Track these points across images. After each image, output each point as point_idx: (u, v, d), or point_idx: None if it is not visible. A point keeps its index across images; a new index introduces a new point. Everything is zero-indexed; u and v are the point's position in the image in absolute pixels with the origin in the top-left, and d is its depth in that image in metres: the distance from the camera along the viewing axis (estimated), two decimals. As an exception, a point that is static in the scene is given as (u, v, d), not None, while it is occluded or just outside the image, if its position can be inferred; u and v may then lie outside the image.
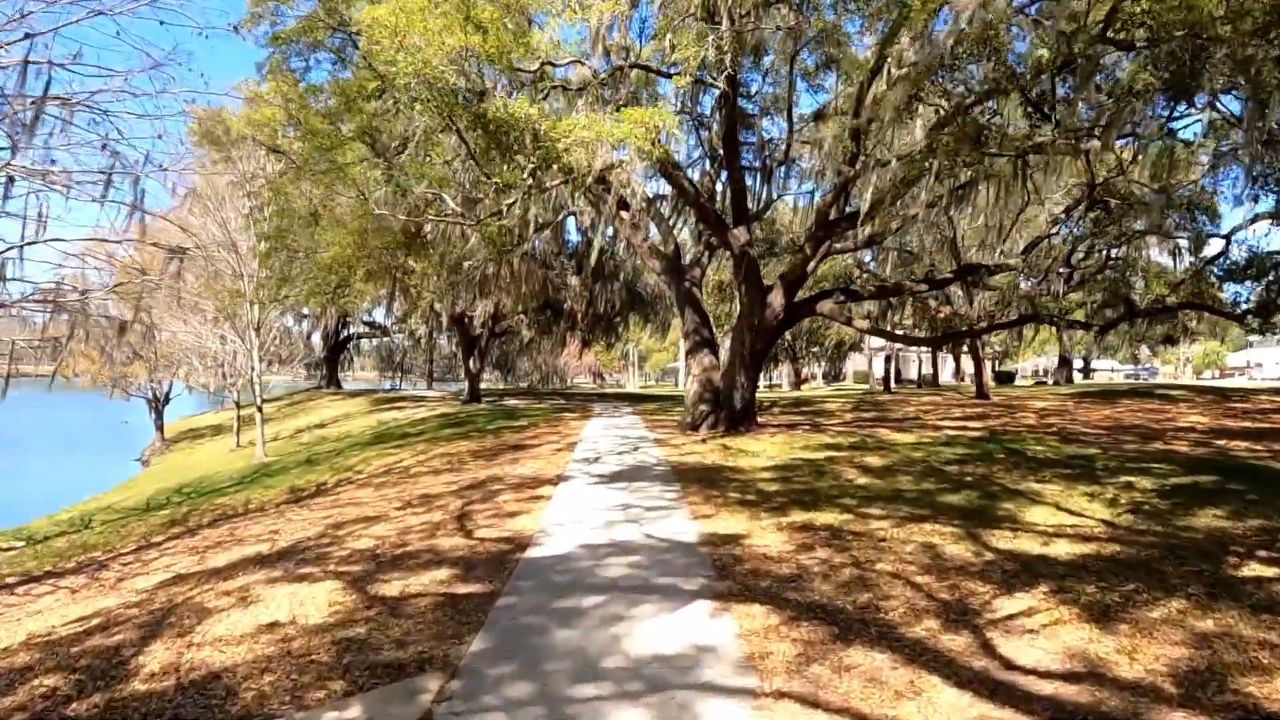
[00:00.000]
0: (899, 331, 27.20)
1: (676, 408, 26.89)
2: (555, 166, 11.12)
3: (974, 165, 11.99)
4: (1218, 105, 15.88)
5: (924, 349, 58.45)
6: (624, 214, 19.45)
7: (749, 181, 18.98)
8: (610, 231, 29.97)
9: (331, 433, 28.04)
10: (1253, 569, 6.03)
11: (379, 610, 5.82)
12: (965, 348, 53.11)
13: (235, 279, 21.93)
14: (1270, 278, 17.97)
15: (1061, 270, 24.77)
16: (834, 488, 10.01)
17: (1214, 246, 22.13)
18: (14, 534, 15.68)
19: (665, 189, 22.74)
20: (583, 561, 6.86)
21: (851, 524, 7.95)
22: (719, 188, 20.92)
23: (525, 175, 11.25)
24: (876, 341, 56.06)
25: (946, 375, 58.29)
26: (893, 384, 45.72)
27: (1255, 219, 20.43)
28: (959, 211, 20.20)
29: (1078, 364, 62.15)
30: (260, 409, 23.77)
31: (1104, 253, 26.29)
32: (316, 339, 49.09)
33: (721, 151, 20.49)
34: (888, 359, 49.59)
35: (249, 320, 22.10)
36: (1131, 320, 19.91)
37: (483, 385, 59.86)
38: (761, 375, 22.22)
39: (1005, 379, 52.42)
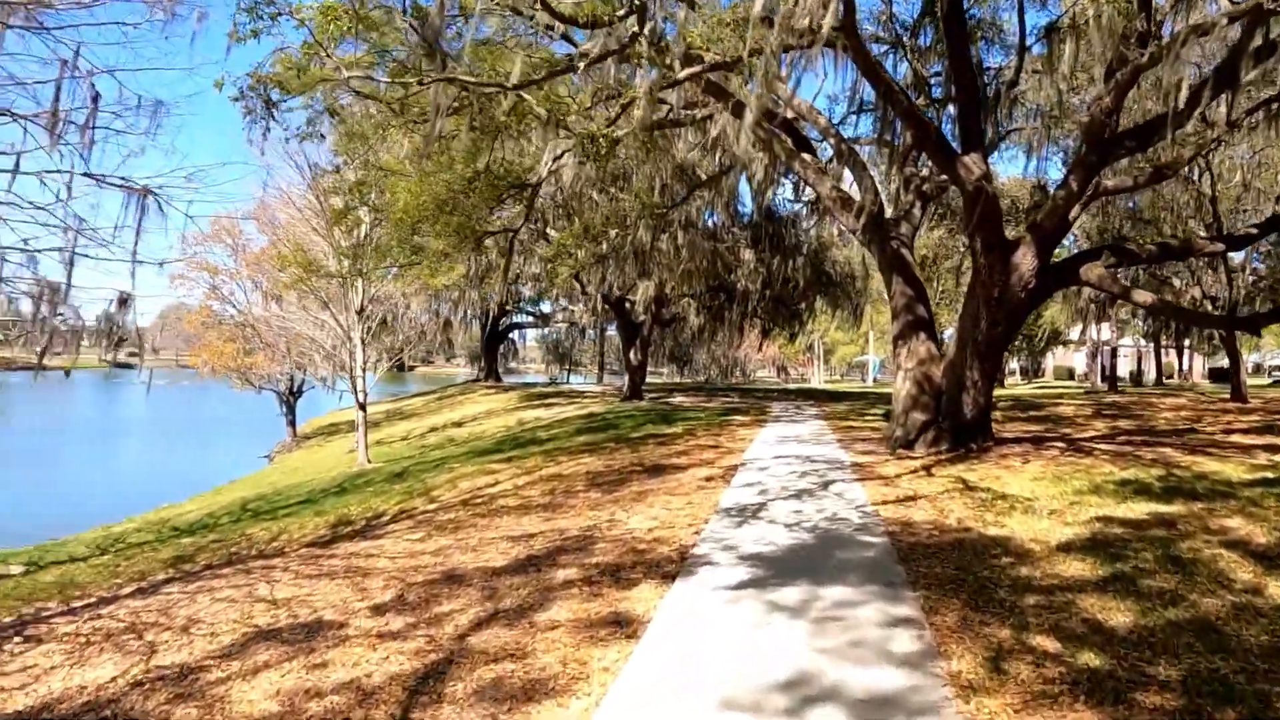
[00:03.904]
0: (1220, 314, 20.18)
1: (871, 410, 21.31)
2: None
3: None
4: None
5: (1144, 344, 48.82)
6: (805, 156, 14.14)
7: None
8: (788, 193, 24.59)
9: (462, 433, 24.67)
10: None
11: None
12: (1188, 343, 43.68)
13: (324, 253, 18.63)
14: None
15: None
16: (1237, 615, 4.40)
17: None
18: (46, 548, 12.75)
19: (858, 130, 17.22)
20: None
21: None
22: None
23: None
24: (1096, 332, 47.09)
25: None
26: (1109, 383, 37.87)
27: None
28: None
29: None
30: (363, 406, 20.45)
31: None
32: (476, 328, 46.43)
33: (943, 64, 14.77)
34: (1113, 353, 41.47)
35: (337, 298, 18.72)
36: None
37: (659, 379, 54.89)
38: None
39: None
